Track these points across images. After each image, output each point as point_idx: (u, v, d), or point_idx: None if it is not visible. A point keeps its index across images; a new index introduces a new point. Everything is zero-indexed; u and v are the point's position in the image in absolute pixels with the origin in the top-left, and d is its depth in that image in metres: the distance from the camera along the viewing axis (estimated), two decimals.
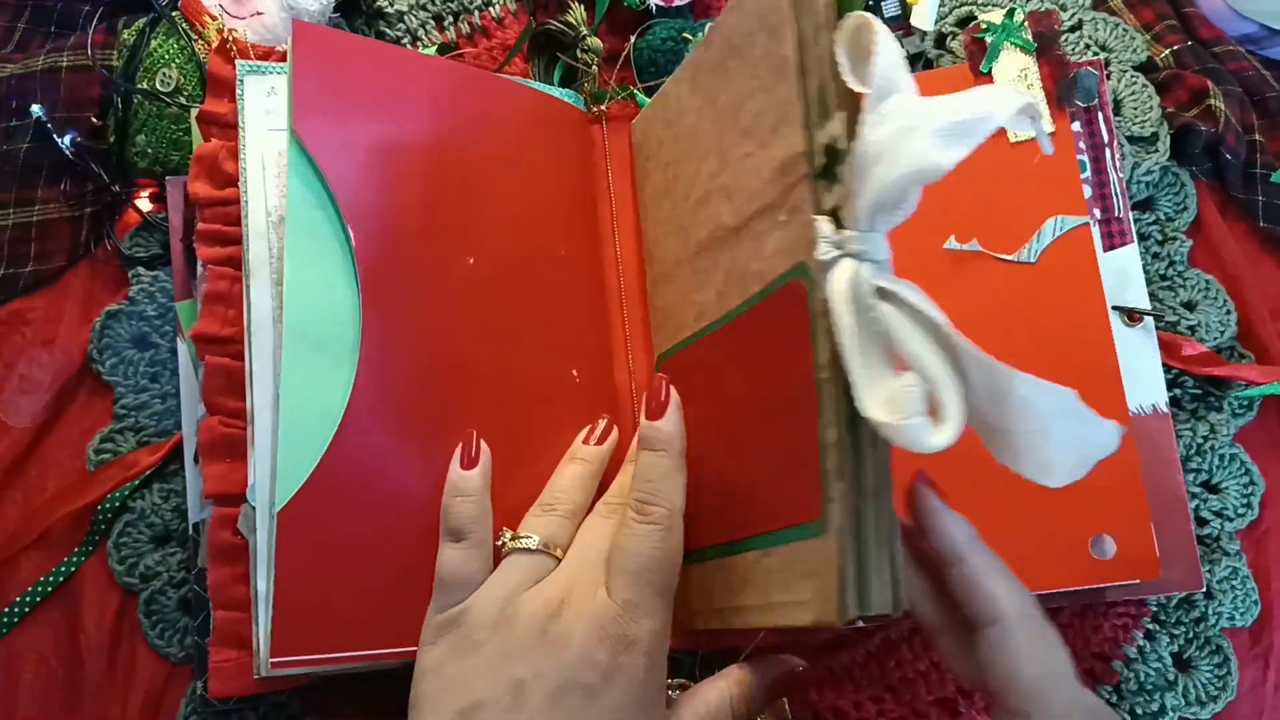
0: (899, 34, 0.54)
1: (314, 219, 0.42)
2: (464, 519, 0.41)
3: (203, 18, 0.50)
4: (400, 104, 0.45)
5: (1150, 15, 0.57)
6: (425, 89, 0.46)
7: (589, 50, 0.52)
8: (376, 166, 0.44)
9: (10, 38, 0.56)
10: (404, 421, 0.42)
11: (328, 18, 0.53)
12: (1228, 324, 0.52)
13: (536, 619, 0.38)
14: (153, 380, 0.51)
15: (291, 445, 0.41)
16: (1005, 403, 0.32)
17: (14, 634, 0.49)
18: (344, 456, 0.41)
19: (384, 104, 0.45)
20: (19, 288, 0.52)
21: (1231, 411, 0.51)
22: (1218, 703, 0.50)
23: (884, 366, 0.32)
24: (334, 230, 0.43)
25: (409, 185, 0.44)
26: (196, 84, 0.51)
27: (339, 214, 0.43)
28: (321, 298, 0.42)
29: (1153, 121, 0.53)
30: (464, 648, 0.38)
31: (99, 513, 0.49)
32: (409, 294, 0.43)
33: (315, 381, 0.41)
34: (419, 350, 0.43)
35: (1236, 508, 0.51)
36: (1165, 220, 0.54)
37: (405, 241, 0.44)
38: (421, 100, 0.46)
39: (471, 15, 0.56)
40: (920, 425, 0.31)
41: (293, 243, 0.42)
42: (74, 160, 0.52)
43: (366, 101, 0.44)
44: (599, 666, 0.37)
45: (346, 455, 0.41)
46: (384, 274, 0.43)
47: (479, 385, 0.44)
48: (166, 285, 0.51)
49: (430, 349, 0.43)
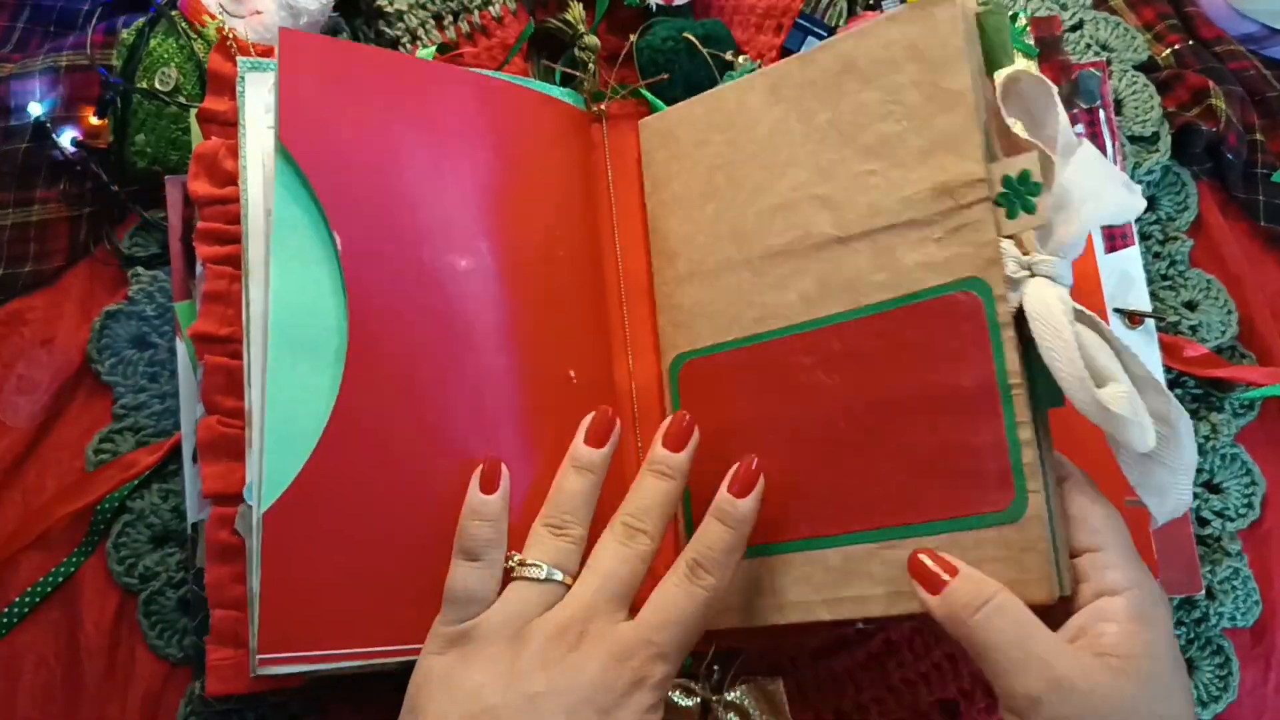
0: None
1: (300, 224, 0.43)
2: (479, 542, 0.41)
3: (202, 17, 0.50)
4: (388, 109, 0.45)
5: (1151, 14, 0.57)
6: (414, 94, 0.46)
7: (586, 48, 0.52)
8: (363, 171, 0.44)
9: (10, 37, 0.56)
10: (391, 425, 0.43)
11: (327, 17, 0.53)
12: (1229, 324, 0.52)
13: (554, 644, 0.39)
14: (152, 380, 0.51)
15: (277, 448, 0.41)
16: (1168, 435, 0.38)
17: (14, 634, 0.49)
18: (330, 460, 0.41)
19: (371, 110, 0.45)
20: (18, 288, 0.52)
21: (1233, 412, 0.51)
22: (1219, 703, 0.50)
23: (1089, 377, 0.37)
24: (320, 236, 0.43)
25: (397, 189, 0.45)
26: (196, 83, 0.51)
27: (325, 220, 0.43)
28: (308, 303, 0.42)
29: (1154, 121, 0.53)
30: (475, 660, 0.39)
31: (98, 513, 0.49)
32: (397, 298, 0.44)
33: (301, 386, 0.42)
34: (406, 354, 0.43)
35: (1238, 508, 0.51)
36: (1166, 220, 0.54)
37: (393, 245, 0.44)
38: (410, 105, 0.46)
39: (471, 14, 0.56)
40: (1141, 425, 0.37)
41: (279, 249, 0.42)
42: (73, 160, 0.52)
43: (353, 108, 0.44)
44: (615, 691, 0.38)
45: (332, 458, 0.41)
46: (371, 278, 0.43)
47: (470, 387, 0.44)
48: (166, 285, 0.51)
49: (418, 352, 0.44)
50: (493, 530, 0.42)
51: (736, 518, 0.41)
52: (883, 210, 0.43)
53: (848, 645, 0.50)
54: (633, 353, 0.50)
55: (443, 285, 0.45)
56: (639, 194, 0.51)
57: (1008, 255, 0.40)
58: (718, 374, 0.46)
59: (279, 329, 0.42)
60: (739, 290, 0.46)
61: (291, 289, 0.42)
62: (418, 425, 0.43)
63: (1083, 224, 0.40)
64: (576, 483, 0.43)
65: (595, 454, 0.44)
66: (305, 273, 0.42)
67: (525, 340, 0.46)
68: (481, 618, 0.40)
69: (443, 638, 0.40)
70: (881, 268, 0.43)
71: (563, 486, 0.43)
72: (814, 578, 0.43)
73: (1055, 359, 0.38)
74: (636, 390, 0.49)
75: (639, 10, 0.54)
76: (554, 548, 0.41)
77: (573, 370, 0.47)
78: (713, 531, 0.41)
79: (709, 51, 0.52)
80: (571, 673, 0.38)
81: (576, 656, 0.39)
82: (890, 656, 0.50)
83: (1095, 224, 0.40)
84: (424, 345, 0.44)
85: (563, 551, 0.41)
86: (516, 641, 0.39)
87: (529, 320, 0.46)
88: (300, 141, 0.43)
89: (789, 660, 0.49)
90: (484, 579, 0.41)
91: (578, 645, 0.39)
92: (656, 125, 0.50)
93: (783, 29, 0.56)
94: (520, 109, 0.49)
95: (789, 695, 0.49)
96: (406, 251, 0.44)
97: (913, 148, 0.42)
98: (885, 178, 0.43)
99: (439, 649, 0.40)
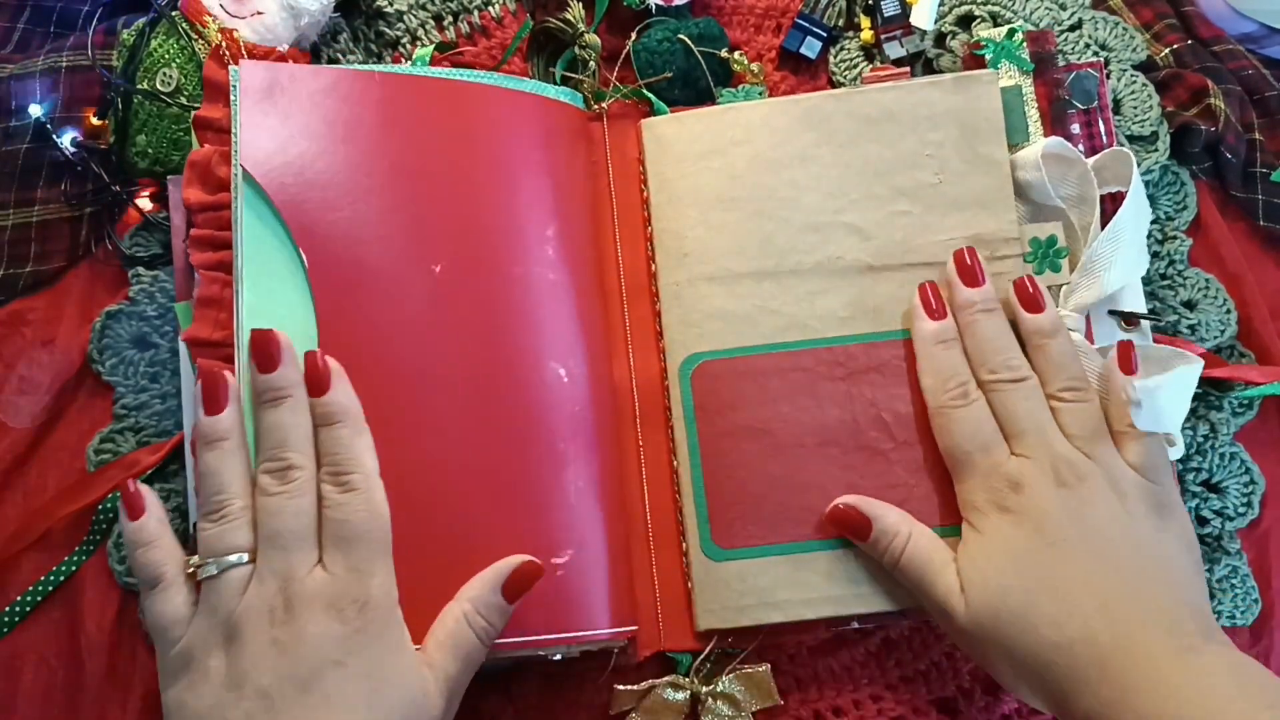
0: (898, 33, 0.54)
1: (268, 245, 0.44)
2: (152, 567, 0.41)
3: (203, 17, 0.50)
4: (350, 126, 0.46)
5: (1150, 14, 0.57)
6: (378, 108, 0.47)
7: (587, 47, 0.53)
8: (326, 188, 0.45)
9: (10, 38, 0.57)
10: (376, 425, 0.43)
11: (328, 17, 0.53)
12: (1228, 323, 0.52)
13: (262, 627, 0.38)
14: (153, 380, 0.51)
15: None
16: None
17: (14, 634, 0.49)
18: None
19: (333, 128, 0.46)
20: (19, 288, 0.52)
21: (1232, 410, 0.51)
22: None
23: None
24: (288, 254, 0.44)
25: (362, 203, 0.45)
26: (197, 84, 0.51)
27: (290, 238, 0.44)
28: (279, 320, 0.43)
29: (1152, 121, 0.53)
30: (199, 681, 0.38)
31: (99, 513, 0.49)
32: (367, 309, 0.45)
33: None
34: (379, 363, 0.44)
35: (1237, 507, 0.51)
36: (1165, 219, 0.54)
37: (361, 257, 0.45)
38: (374, 120, 0.46)
39: (471, 15, 0.56)
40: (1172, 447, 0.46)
41: (249, 270, 0.44)
42: (74, 160, 0.52)
43: (314, 128, 0.46)
44: (339, 639, 0.38)
45: None
46: (339, 292, 0.45)
47: (447, 391, 0.45)
48: (166, 285, 0.51)
49: (393, 361, 0.44)
50: (159, 550, 0.41)
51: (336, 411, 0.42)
52: (915, 249, 0.48)
53: (847, 643, 0.50)
54: (634, 350, 0.50)
55: (416, 290, 0.45)
56: (639, 192, 0.51)
57: None
58: (737, 377, 0.47)
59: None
60: (762, 298, 0.48)
61: (262, 307, 0.44)
62: (395, 432, 0.43)
63: (1103, 289, 0.46)
64: (212, 459, 0.41)
65: (219, 421, 0.42)
66: (275, 291, 0.44)
67: (505, 339, 0.46)
68: (188, 634, 0.39)
69: (166, 672, 0.40)
70: (914, 299, 0.47)
71: (203, 469, 0.42)
72: (843, 574, 0.46)
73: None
74: (639, 387, 0.50)
75: (638, 10, 0.54)
76: (216, 534, 0.40)
77: (563, 368, 0.47)
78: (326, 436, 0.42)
79: (705, 50, 0.52)
80: (292, 647, 0.38)
81: (289, 631, 0.38)
82: (889, 654, 0.50)
83: (1113, 289, 0.47)
84: (398, 353, 0.45)
85: (227, 533, 0.40)
86: (232, 642, 0.39)
87: (509, 320, 0.47)
88: (262, 164, 0.45)
89: (788, 658, 0.49)
90: (173, 599, 0.40)
91: (288, 617, 0.38)
92: (661, 128, 0.50)
93: (781, 29, 0.56)
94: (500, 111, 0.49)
95: (788, 693, 0.49)
96: (375, 261, 0.45)
97: (948, 198, 0.48)
98: (920, 220, 0.48)
99: (167, 684, 0.39)
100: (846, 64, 0.55)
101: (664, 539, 0.48)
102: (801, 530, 0.46)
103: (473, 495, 0.44)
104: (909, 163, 0.48)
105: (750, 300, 0.48)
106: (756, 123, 0.49)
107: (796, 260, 0.48)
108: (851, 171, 0.49)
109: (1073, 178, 0.48)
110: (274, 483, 0.41)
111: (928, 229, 0.48)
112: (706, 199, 0.49)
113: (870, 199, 0.48)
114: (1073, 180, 0.48)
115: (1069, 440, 0.43)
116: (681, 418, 0.48)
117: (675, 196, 0.50)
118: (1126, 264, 0.47)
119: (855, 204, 0.48)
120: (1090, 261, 0.47)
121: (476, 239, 0.47)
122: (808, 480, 0.46)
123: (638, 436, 0.49)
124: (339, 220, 0.45)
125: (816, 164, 0.49)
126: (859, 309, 0.48)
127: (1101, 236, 0.47)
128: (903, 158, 0.48)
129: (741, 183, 0.49)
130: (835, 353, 0.47)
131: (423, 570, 0.42)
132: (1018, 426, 0.44)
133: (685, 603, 0.48)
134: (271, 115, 0.45)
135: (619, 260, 0.51)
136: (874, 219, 0.48)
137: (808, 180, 0.49)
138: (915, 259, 0.48)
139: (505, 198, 0.48)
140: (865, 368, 0.47)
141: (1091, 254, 0.47)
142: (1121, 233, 0.47)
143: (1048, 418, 0.44)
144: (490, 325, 0.46)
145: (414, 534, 0.42)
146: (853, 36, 0.56)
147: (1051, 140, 0.48)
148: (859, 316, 0.48)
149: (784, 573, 0.46)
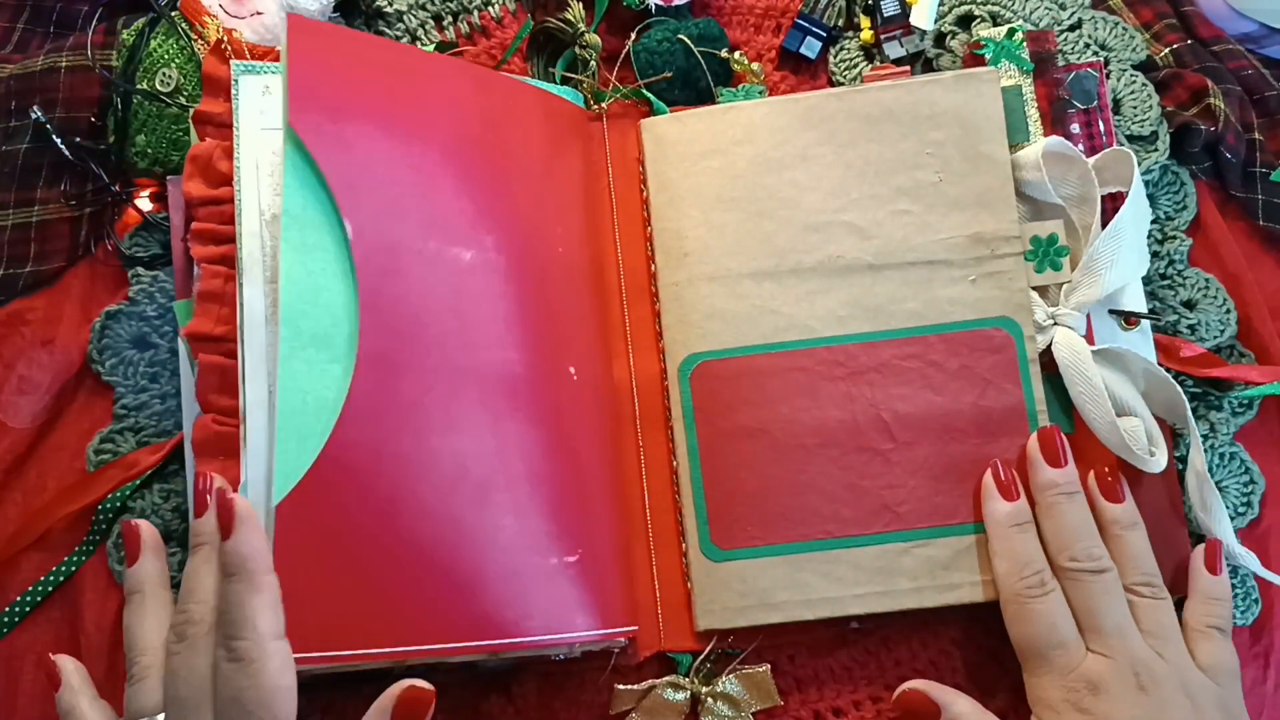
0: (898, 33, 0.54)
1: (310, 213, 0.43)
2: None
3: (202, 17, 0.50)
4: (396, 98, 0.45)
5: (1149, 14, 0.57)
6: (423, 83, 0.46)
7: (588, 46, 0.53)
8: (372, 160, 0.44)
9: (9, 38, 0.56)
10: (403, 415, 0.42)
11: (327, 18, 0.53)
12: (1227, 323, 0.52)
13: None
14: (153, 380, 0.51)
15: (289, 439, 0.41)
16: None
17: (14, 634, 0.49)
18: (342, 451, 0.41)
19: (380, 98, 0.45)
20: (18, 288, 0.52)
21: (1231, 410, 0.51)
22: None
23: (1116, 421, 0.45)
24: (330, 224, 0.43)
25: (405, 179, 0.45)
26: (196, 84, 0.51)
27: (335, 208, 0.43)
28: (318, 292, 0.42)
29: (1152, 120, 0.53)
30: None
31: (99, 513, 0.49)
32: (406, 287, 0.43)
33: (312, 375, 0.42)
34: (415, 344, 0.43)
35: (1236, 506, 0.51)
36: (1165, 219, 0.54)
37: (402, 235, 0.44)
38: (419, 94, 0.46)
39: (471, 15, 0.56)
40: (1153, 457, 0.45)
41: (288, 237, 0.42)
42: (74, 160, 0.52)
43: (362, 96, 0.44)
44: None
45: (345, 450, 0.41)
46: (380, 268, 0.43)
47: (475, 380, 0.44)
48: (166, 285, 0.51)
49: (428, 343, 0.43)
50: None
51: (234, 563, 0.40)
52: (916, 247, 0.48)
53: (847, 642, 0.50)
54: (634, 350, 0.50)
55: (448, 277, 0.45)
56: (639, 192, 0.51)
57: (1035, 304, 0.47)
58: (737, 377, 0.47)
59: (290, 319, 0.42)
60: (762, 298, 0.48)
61: (301, 278, 0.42)
62: (428, 415, 0.43)
63: (1104, 288, 0.46)
64: (126, 613, 0.43)
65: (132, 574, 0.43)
66: (316, 261, 0.42)
67: (526, 333, 0.46)
68: None
69: None
70: (913, 297, 0.48)
71: (123, 622, 0.42)
72: (843, 574, 0.46)
73: (1087, 405, 0.45)
74: (638, 387, 0.50)
75: (638, 10, 0.54)
76: (130, 695, 0.41)
77: (573, 366, 0.47)
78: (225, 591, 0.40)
79: (705, 50, 0.53)
80: None
81: None
82: (888, 654, 0.50)
83: (1114, 288, 0.47)
84: (433, 336, 0.44)
85: (137, 695, 0.41)
86: None
87: (529, 314, 0.46)
88: (310, 127, 0.43)
89: (788, 658, 0.49)
90: None
91: None
92: (662, 127, 0.50)
93: (781, 29, 0.56)
94: (522, 103, 0.49)
95: (788, 693, 0.49)
96: (415, 242, 0.44)
97: (949, 197, 0.48)
98: (920, 219, 0.48)
99: None
100: (846, 64, 0.55)
101: (664, 539, 0.48)
102: (801, 531, 0.46)
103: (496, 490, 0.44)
104: (910, 162, 0.48)
105: (750, 300, 0.48)
106: (757, 122, 0.49)
107: (797, 260, 0.48)
108: (852, 171, 0.49)
109: (1073, 177, 0.48)
110: (174, 639, 0.40)
111: (928, 228, 0.48)
112: (707, 199, 0.49)
113: (871, 198, 0.48)
114: (1074, 180, 0.48)
115: (1144, 637, 0.43)
116: (681, 418, 0.48)
117: (675, 196, 0.50)
118: (1127, 263, 0.47)
119: (856, 203, 0.48)
120: (1091, 260, 0.47)
121: (503, 231, 0.46)
122: (807, 481, 0.47)
123: (637, 437, 0.49)
124: (384, 196, 0.44)
125: (817, 163, 0.49)
126: (859, 308, 0.48)
127: (1102, 236, 0.47)
128: (903, 157, 0.48)
129: (742, 182, 0.49)
130: (835, 353, 0.48)
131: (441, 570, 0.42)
132: (1097, 622, 0.43)
133: (685, 603, 0.48)
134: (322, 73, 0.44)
135: (619, 260, 0.51)
136: (874, 218, 0.48)
137: (808, 180, 0.49)
138: (916, 258, 0.48)
139: (535, 189, 0.47)
140: (865, 368, 0.47)
141: (1092, 253, 0.47)
142: (1122, 232, 0.47)
143: (1125, 614, 0.43)
144: (517, 320, 0.46)
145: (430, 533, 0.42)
146: (852, 36, 0.56)
147: (1052, 140, 0.48)
148: (859, 316, 0.48)
149: (783, 573, 0.46)
